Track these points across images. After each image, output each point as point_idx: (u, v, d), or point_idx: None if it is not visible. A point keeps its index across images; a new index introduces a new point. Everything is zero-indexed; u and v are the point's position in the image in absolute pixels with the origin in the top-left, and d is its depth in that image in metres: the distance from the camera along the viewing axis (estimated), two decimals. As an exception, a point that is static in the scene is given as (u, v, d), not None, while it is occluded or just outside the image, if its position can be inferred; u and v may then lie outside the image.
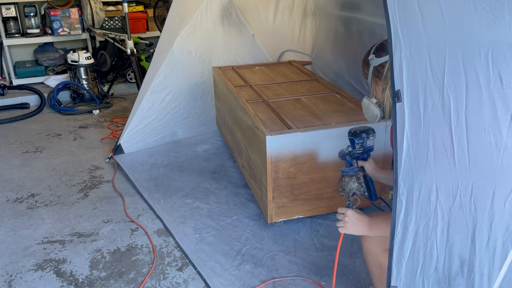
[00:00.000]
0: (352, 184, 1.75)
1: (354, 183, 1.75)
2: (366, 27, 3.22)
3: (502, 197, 1.13)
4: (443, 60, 1.15)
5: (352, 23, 3.40)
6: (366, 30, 3.22)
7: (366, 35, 3.22)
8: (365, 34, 3.23)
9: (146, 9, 5.71)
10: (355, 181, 1.75)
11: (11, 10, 4.99)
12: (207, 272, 2.22)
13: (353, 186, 1.75)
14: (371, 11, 3.18)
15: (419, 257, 1.32)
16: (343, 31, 3.55)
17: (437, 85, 1.18)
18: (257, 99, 2.83)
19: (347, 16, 3.47)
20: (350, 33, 3.44)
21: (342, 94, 2.89)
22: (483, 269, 1.20)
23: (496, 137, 1.10)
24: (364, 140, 1.71)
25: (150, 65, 3.47)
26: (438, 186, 1.24)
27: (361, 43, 3.26)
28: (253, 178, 2.66)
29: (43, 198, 2.95)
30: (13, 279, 2.21)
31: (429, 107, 1.21)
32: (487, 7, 1.06)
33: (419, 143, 1.25)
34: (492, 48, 1.06)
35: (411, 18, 1.21)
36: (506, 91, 1.06)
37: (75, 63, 4.73)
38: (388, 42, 1.27)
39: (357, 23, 3.34)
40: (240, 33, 3.64)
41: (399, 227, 1.33)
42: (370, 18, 3.17)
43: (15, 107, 4.67)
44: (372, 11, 3.16)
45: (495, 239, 1.16)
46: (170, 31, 3.37)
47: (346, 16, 3.49)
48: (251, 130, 2.55)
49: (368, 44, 1.72)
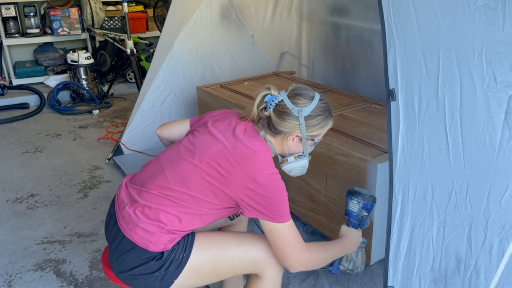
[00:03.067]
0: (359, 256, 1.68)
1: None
2: (355, 33, 3.21)
3: (498, 195, 1.13)
4: (437, 59, 1.16)
5: (341, 29, 3.40)
6: (355, 36, 3.22)
7: (355, 41, 3.23)
8: (354, 40, 3.24)
9: (146, 9, 5.71)
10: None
11: (10, 10, 4.99)
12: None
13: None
14: (361, 16, 3.18)
15: (415, 257, 1.32)
16: (332, 37, 3.54)
17: (432, 84, 1.19)
18: None
19: (337, 22, 3.46)
20: (339, 39, 3.43)
21: (379, 104, 2.63)
22: (479, 267, 1.20)
23: (490, 135, 1.10)
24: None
25: (150, 66, 3.47)
26: (434, 185, 1.24)
27: (350, 49, 3.26)
28: (319, 213, 2.26)
29: (43, 198, 2.96)
30: (13, 279, 2.22)
31: (424, 106, 1.21)
32: (481, 6, 1.06)
33: (414, 142, 1.26)
34: (486, 47, 1.07)
35: (406, 16, 1.22)
36: (500, 90, 1.06)
37: (75, 63, 4.73)
38: (382, 40, 1.27)
39: (346, 29, 3.34)
40: (240, 34, 3.64)
41: (395, 227, 1.34)
42: (359, 23, 3.16)
43: (15, 107, 4.67)
44: (362, 16, 3.17)
45: (491, 237, 1.17)
46: (170, 31, 3.36)
47: (336, 21, 3.48)
48: (324, 159, 2.14)
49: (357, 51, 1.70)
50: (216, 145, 1.46)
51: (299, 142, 1.50)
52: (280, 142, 1.50)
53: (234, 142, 1.45)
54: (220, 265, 1.50)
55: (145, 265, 1.42)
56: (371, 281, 2.14)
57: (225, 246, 1.50)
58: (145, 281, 1.44)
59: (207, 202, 1.44)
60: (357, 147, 2.05)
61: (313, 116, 1.46)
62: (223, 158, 1.42)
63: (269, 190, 1.38)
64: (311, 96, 1.48)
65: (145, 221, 1.42)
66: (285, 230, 1.40)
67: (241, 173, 1.39)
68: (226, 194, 1.42)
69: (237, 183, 1.39)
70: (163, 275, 1.43)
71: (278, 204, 1.39)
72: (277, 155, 1.56)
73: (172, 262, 1.43)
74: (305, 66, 4.02)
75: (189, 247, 1.46)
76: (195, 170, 1.44)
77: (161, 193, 1.45)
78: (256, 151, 1.43)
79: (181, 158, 1.48)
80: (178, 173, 1.46)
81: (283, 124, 1.46)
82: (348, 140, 2.13)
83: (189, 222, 1.45)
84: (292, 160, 1.52)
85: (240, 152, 1.42)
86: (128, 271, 1.44)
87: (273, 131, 1.49)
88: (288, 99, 1.46)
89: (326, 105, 1.50)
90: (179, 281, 1.46)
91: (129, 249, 1.43)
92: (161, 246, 1.42)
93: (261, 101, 1.50)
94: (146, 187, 1.49)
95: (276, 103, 1.47)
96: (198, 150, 1.47)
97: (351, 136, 2.18)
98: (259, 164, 1.41)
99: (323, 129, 1.52)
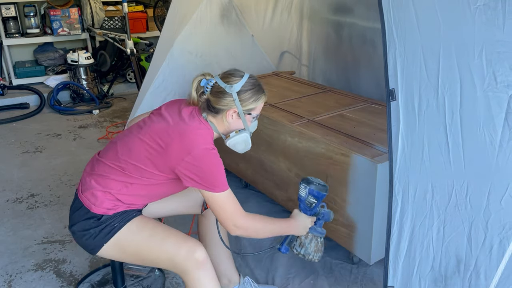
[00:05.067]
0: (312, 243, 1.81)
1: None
2: (358, 31, 3.21)
3: (498, 195, 1.13)
4: (437, 59, 1.16)
5: (344, 28, 3.39)
6: (357, 35, 3.21)
7: (357, 40, 3.22)
8: (357, 39, 3.23)
9: (146, 9, 5.71)
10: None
11: (11, 10, 4.99)
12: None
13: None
14: (363, 15, 3.17)
15: (415, 256, 1.32)
16: (334, 36, 3.54)
17: (432, 84, 1.18)
18: (301, 120, 2.41)
19: (339, 21, 3.45)
20: (341, 38, 3.42)
21: (379, 104, 2.62)
22: (479, 267, 1.20)
23: (491, 135, 1.10)
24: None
25: (150, 66, 3.46)
26: (434, 185, 1.24)
27: (352, 48, 3.26)
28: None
29: (43, 198, 2.96)
30: (13, 279, 2.22)
31: (424, 106, 1.21)
32: (481, 6, 1.06)
33: (414, 142, 1.25)
34: (486, 47, 1.07)
35: (406, 16, 1.21)
36: (501, 89, 1.06)
37: (75, 63, 4.73)
38: (382, 40, 1.27)
39: (348, 28, 3.33)
40: (240, 33, 3.63)
41: (395, 227, 1.34)
42: (362, 22, 3.15)
43: (15, 107, 4.67)
44: (364, 15, 3.16)
45: (491, 237, 1.16)
46: (170, 31, 3.36)
47: (338, 20, 3.47)
48: (324, 159, 2.14)
49: (359, 50, 1.72)
50: (161, 123, 1.65)
51: (238, 118, 1.67)
52: (221, 121, 1.67)
53: (178, 121, 1.64)
54: (142, 251, 1.64)
55: (84, 222, 1.62)
56: (371, 281, 2.14)
57: (152, 235, 1.64)
58: (82, 236, 1.64)
59: (149, 173, 1.60)
60: (357, 147, 2.05)
61: (244, 91, 1.64)
62: (164, 133, 1.60)
63: (204, 163, 1.54)
64: (241, 75, 1.67)
65: (96, 188, 1.63)
66: (223, 199, 1.57)
67: (178, 146, 1.56)
68: (166, 165, 1.58)
69: (174, 155, 1.55)
70: (96, 234, 1.61)
71: (213, 175, 1.55)
72: (221, 135, 1.72)
73: (106, 227, 1.61)
74: (305, 66, 4.02)
75: (124, 222, 1.62)
76: (139, 143, 1.62)
77: (112, 163, 1.65)
78: (195, 128, 1.61)
79: (131, 133, 1.69)
80: (126, 145, 1.66)
81: (220, 102, 1.63)
82: (348, 140, 2.13)
83: (135, 191, 1.63)
84: (234, 134, 1.69)
85: (180, 128, 1.61)
86: (73, 225, 1.66)
87: (213, 111, 1.66)
88: (220, 79, 1.65)
89: (256, 81, 1.69)
90: (107, 249, 1.63)
91: (78, 208, 1.65)
92: (103, 210, 1.61)
93: (198, 86, 1.69)
94: (102, 157, 1.71)
95: (211, 85, 1.66)
96: (145, 127, 1.67)
97: (351, 136, 2.18)
98: (196, 139, 1.57)
99: (257, 102, 1.67)
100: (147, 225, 1.66)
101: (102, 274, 2.23)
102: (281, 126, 2.36)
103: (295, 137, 2.29)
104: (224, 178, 1.57)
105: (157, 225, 1.69)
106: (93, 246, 1.64)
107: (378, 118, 2.41)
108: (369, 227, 1.96)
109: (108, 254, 1.67)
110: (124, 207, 1.64)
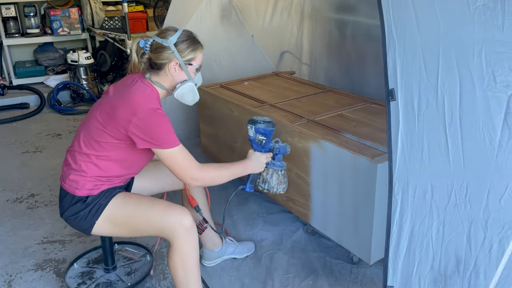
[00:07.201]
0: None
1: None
2: (362, 29, 3.20)
3: (498, 195, 1.13)
4: (437, 59, 1.16)
5: (347, 26, 3.39)
6: (362, 32, 3.21)
7: (362, 38, 3.22)
8: (361, 37, 3.22)
9: (146, 9, 5.71)
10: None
11: (11, 10, 5.00)
12: (207, 272, 2.23)
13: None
14: (367, 13, 3.17)
15: (415, 256, 1.32)
16: (337, 34, 3.53)
17: (431, 84, 1.18)
18: (301, 120, 2.40)
19: (342, 19, 3.45)
20: (344, 36, 3.42)
21: (379, 104, 2.61)
22: (479, 267, 1.20)
23: (490, 135, 1.10)
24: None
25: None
26: (433, 184, 1.24)
27: (355, 46, 3.25)
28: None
29: (43, 198, 2.96)
30: (13, 279, 2.22)
31: (424, 106, 1.21)
32: (481, 6, 1.06)
33: (414, 142, 1.25)
34: (486, 47, 1.07)
35: (405, 16, 1.22)
36: (500, 89, 1.06)
37: (75, 63, 4.73)
38: (381, 40, 1.27)
39: (352, 26, 3.32)
40: (239, 33, 3.64)
41: (395, 226, 1.34)
42: (366, 20, 3.15)
43: (15, 107, 4.67)
44: (368, 13, 3.15)
45: (491, 237, 1.17)
46: (170, 31, 3.36)
47: (341, 18, 3.47)
48: (326, 158, 2.14)
49: (363, 48, 1.73)
50: (108, 97, 1.77)
51: (181, 70, 1.76)
52: (165, 76, 1.77)
53: (123, 90, 1.73)
54: (131, 221, 1.76)
55: (73, 206, 1.74)
56: (371, 281, 2.14)
57: (139, 205, 1.76)
58: (74, 220, 1.76)
59: (110, 144, 1.71)
60: (357, 147, 2.05)
61: (181, 42, 1.74)
62: (110, 102, 1.72)
63: (150, 122, 1.63)
64: (175, 29, 1.77)
65: (72, 173, 1.75)
66: (175, 155, 1.66)
67: (124, 109, 1.65)
68: (118, 131, 1.67)
69: (122, 118, 1.64)
70: (86, 215, 1.73)
71: (161, 133, 1.64)
72: (169, 91, 1.81)
73: (94, 206, 1.72)
74: (306, 65, 4.02)
75: (109, 198, 1.74)
76: (93, 120, 1.74)
77: (79, 148, 1.76)
78: (138, 91, 1.70)
79: (89, 115, 1.80)
80: (85, 127, 1.78)
81: (160, 56, 1.72)
82: (348, 140, 2.13)
83: (107, 167, 1.74)
84: (179, 85, 1.78)
85: (123, 93, 1.71)
86: (64, 213, 1.78)
87: (156, 68, 1.75)
88: (157, 37, 1.74)
89: (190, 33, 1.80)
90: (99, 226, 1.75)
91: (64, 196, 1.77)
92: (86, 192, 1.73)
93: (138, 48, 1.77)
94: (71, 147, 1.83)
95: (150, 44, 1.74)
96: (97, 105, 1.79)
97: (351, 136, 2.18)
98: (140, 101, 1.66)
99: (195, 52, 1.79)
100: (131, 198, 1.79)
101: (100, 252, 2.31)
102: (281, 126, 2.36)
103: (295, 137, 2.29)
104: (173, 134, 1.66)
105: (141, 197, 1.81)
106: (86, 227, 1.75)
107: (378, 118, 2.41)
108: (369, 227, 1.96)
109: (102, 231, 1.79)
110: (106, 185, 1.76)
